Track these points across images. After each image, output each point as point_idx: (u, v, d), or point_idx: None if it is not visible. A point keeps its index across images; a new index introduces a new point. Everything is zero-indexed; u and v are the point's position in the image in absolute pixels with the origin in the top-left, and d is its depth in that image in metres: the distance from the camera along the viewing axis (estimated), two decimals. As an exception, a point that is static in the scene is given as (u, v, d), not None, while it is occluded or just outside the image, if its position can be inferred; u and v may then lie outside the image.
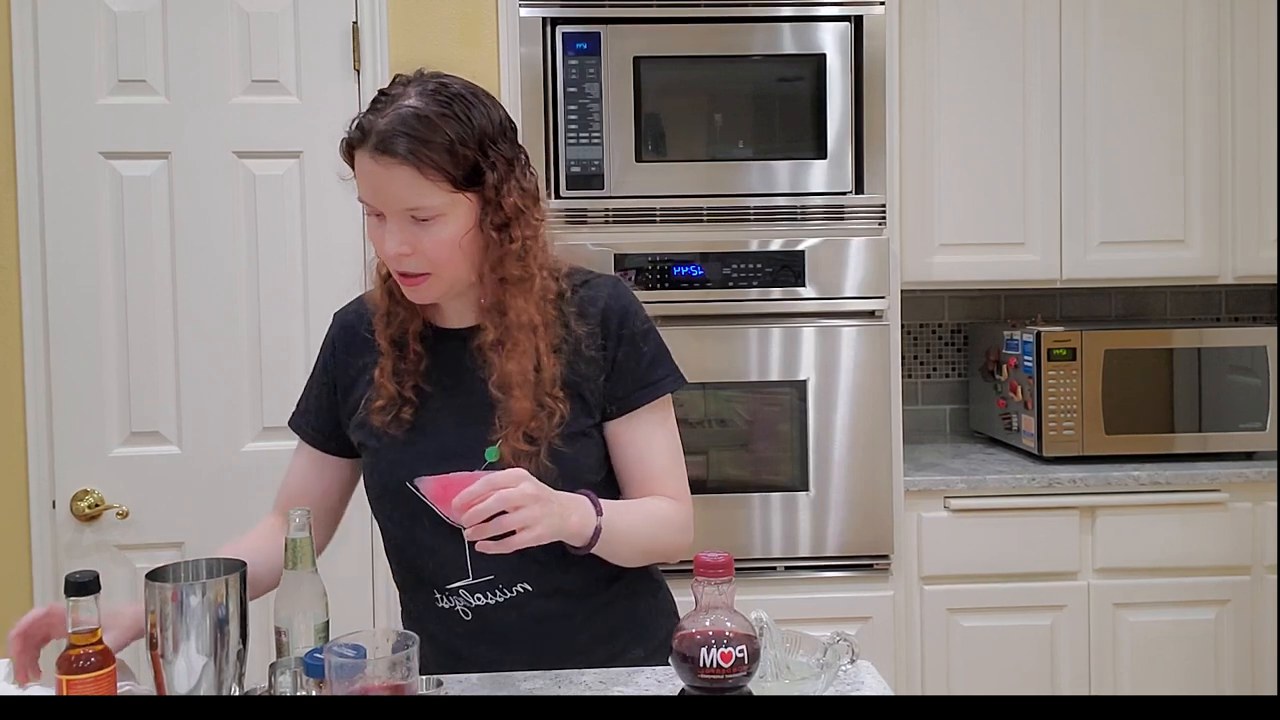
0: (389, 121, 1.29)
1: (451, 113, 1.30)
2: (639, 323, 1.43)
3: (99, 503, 2.40)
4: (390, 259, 1.34)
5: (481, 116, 1.33)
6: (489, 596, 1.39)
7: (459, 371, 1.41)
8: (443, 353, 1.43)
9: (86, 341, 2.41)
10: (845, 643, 1.26)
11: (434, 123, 1.29)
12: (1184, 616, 2.61)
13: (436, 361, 1.42)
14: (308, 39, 2.44)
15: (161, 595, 1.15)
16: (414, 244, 1.31)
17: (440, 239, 1.31)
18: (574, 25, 2.47)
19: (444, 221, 1.31)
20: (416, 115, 1.29)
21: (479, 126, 1.32)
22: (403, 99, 1.31)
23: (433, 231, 1.31)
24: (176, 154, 2.42)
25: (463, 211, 1.32)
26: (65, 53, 2.38)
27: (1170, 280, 2.91)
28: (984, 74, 2.78)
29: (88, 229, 2.40)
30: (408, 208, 1.30)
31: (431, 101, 1.30)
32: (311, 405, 1.53)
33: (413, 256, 1.32)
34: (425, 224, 1.31)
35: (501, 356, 1.35)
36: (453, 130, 1.29)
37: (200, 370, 2.43)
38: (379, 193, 1.31)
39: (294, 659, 1.17)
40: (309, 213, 2.46)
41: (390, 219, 1.32)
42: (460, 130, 1.30)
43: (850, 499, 2.50)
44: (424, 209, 1.30)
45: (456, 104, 1.31)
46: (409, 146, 1.28)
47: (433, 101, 1.30)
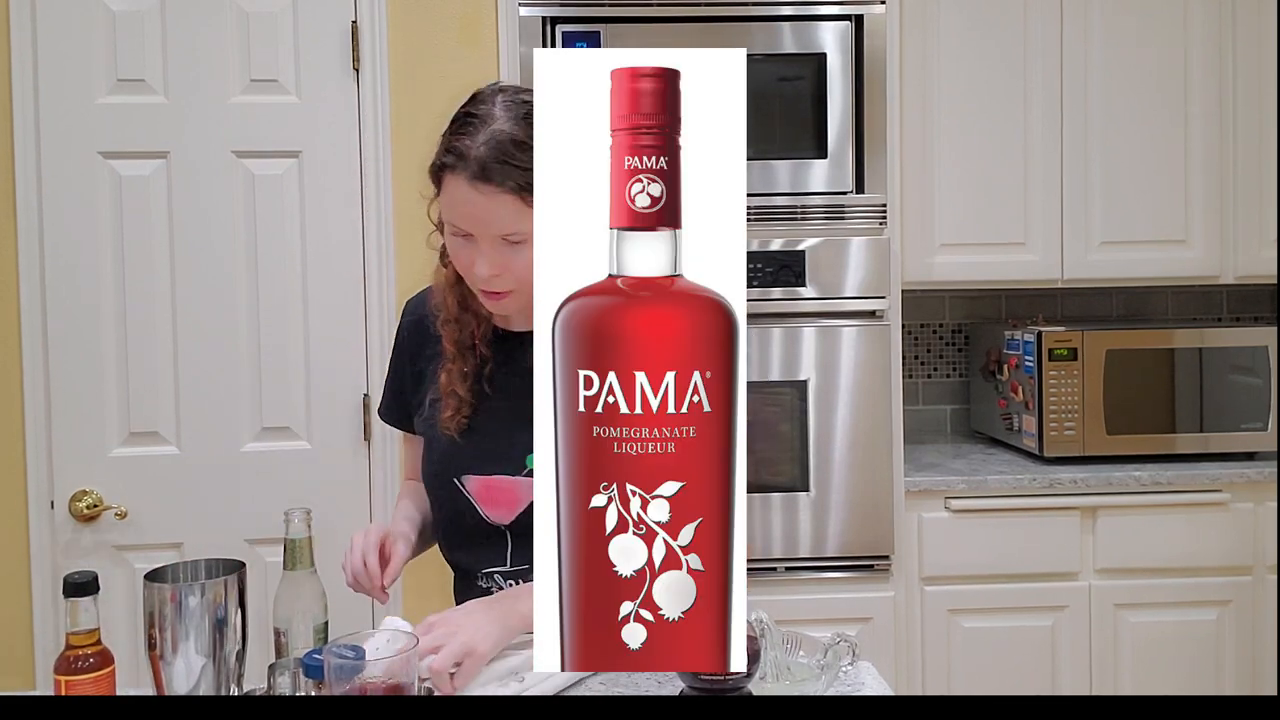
0: (487, 148, 1.29)
1: None
2: None
3: (98, 503, 2.39)
4: (481, 280, 1.35)
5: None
6: (523, 581, 1.44)
7: (518, 375, 1.43)
8: (505, 355, 1.46)
9: (85, 341, 2.40)
10: (846, 643, 1.25)
11: (532, 148, 1.27)
12: (1185, 617, 2.61)
13: (498, 364, 1.46)
14: (307, 38, 2.44)
15: (160, 596, 1.15)
16: (505, 266, 1.33)
17: (529, 260, 1.31)
18: (574, 25, 2.46)
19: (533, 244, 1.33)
20: (514, 141, 1.29)
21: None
22: (492, 121, 1.30)
23: (524, 254, 1.32)
24: (175, 154, 2.42)
25: None
26: (64, 52, 2.38)
27: (1171, 280, 2.90)
28: (985, 73, 2.78)
29: (86, 229, 2.40)
30: (504, 233, 1.31)
31: (524, 125, 1.30)
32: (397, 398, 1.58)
33: (502, 276, 1.34)
34: (516, 246, 1.32)
35: None
36: None
37: (199, 370, 2.43)
38: (475, 219, 1.31)
39: (293, 659, 1.17)
40: (308, 212, 2.45)
41: (482, 241, 1.32)
42: None
43: (851, 499, 2.50)
44: (519, 234, 1.31)
45: None
46: (510, 174, 1.28)
47: (525, 125, 1.30)
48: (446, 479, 1.47)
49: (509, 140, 1.29)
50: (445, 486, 1.47)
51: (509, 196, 1.29)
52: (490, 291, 1.37)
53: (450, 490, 1.46)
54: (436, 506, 1.53)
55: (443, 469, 1.46)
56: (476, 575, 1.49)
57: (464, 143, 1.30)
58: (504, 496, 1.42)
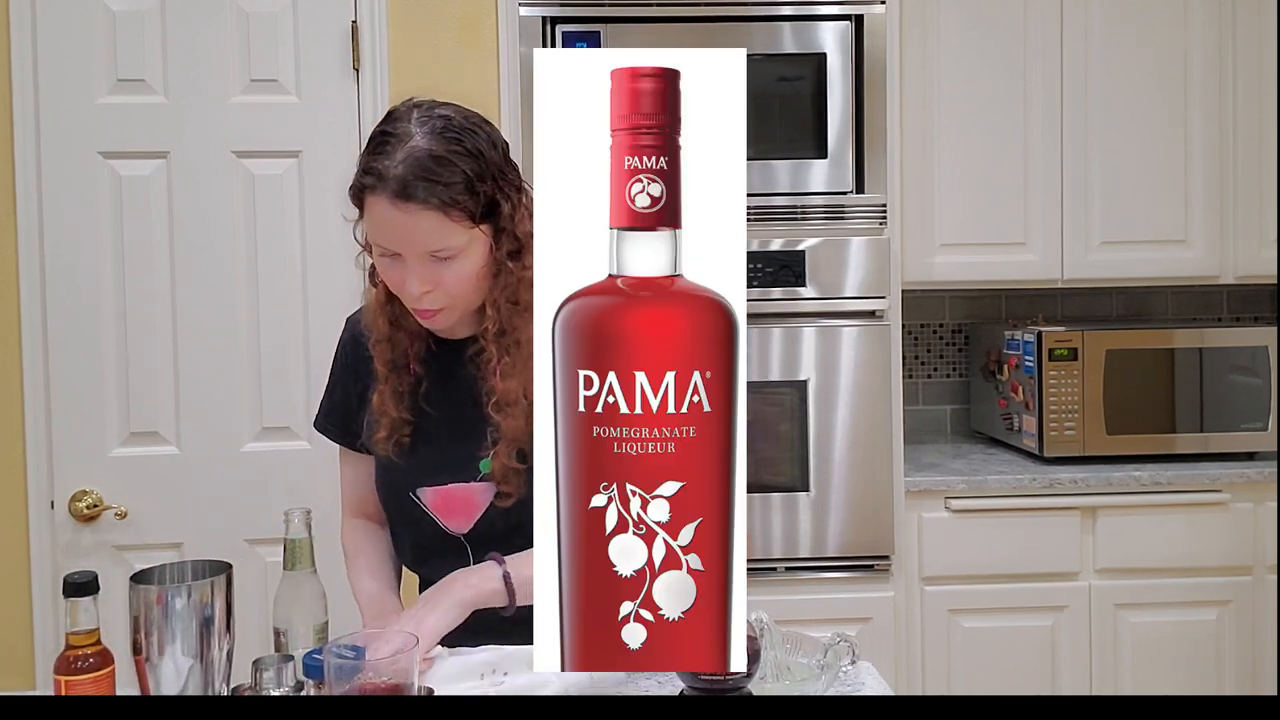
0: (406, 166, 1.27)
1: (464, 149, 1.29)
2: None
3: (98, 503, 2.39)
4: (411, 298, 1.34)
5: (489, 148, 1.33)
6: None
7: (455, 385, 1.43)
8: (442, 366, 1.45)
9: (85, 341, 2.40)
10: (846, 643, 1.25)
11: (452, 163, 1.28)
12: (1185, 617, 2.61)
13: (434, 376, 1.45)
14: (307, 39, 2.44)
15: (146, 598, 1.14)
16: (436, 282, 1.32)
17: (461, 274, 1.32)
18: (574, 24, 2.46)
19: (464, 257, 1.32)
20: (432, 156, 1.27)
21: (489, 160, 1.32)
22: (409, 139, 1.28)
23: (453, 269, 1.31)
24: (175, 154, 2.42)
25: (480, 245, 1.33)
26: (64, 52, 2.38)
27: (1171, 280, 2.90)
28: (985, 73, 2.78)
29: (86, 229, 2.39)
30: (432, 250, 1.30)
31: (441, 140, 1.28)
32: (337, 408, 1.55)
33: (434, 293, 1.33)
34: (446, 261, 1.31)
35: (500, 376, 1.36)
36: (469, 168, 1.29)
37: (199, 370, 2.43)
38: (400, 238, 1.29)
39: (278, 655, 1.17)
40: (308, 213, 2.45)
41: (410, 260, 1.31)
42: (475, 166, 1.30)
43: (851, 499, 2.50)
44: (446, 249, 1.30)
45: (466, 139, 1.30)
46: (433, 191, 1.26)
47: (442, 140, 1.29)
48: (402, 493, 1.45)
49: (427, 156, 1.27)
50: (401, 501, 1.46)
51: (432, 213, 1.27)
52: (423, 310, 1.35)
53: (407, 504, 1.45)
54: (395, 521, 1.52)
55: (394, 485, 1.45)
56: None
57: (382, 163, 1.28)
58: (461, 505, 1.40)
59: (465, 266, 1.32)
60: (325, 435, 1.57)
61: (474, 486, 1.38)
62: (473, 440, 1.39)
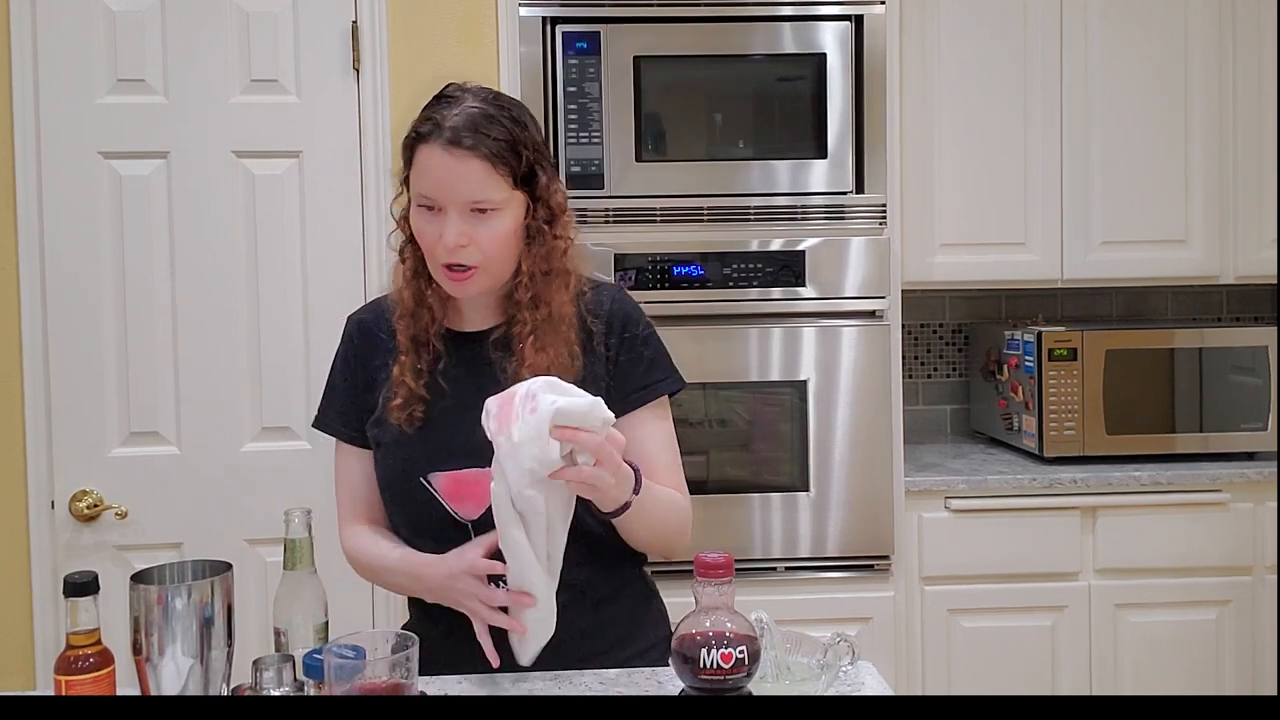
0: (460, 118, 1.37)
1: (510, 116, 1.41)
2: (640, 328, 1.51)
3: (98, 503, 2.39)
4: (447, 250, 1.39)
5: (532, 124, 1.44)
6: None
7: (475, 371, 1.46)
8: (460, 354, 1.48)
9: (85, 341, 2.40)
10: (846, 643, 1.26)
11: (502, 123, 1.39)
12: (1185, 617, 2.61)
13: (453, 361, 1.48)
14: (307, 38, 2.44)
15: (146, 598, 1.14)
16: (471, 236, 1.38)
17: (497, 232, 1.39)
18: (574, 25, 2.46)
19: (501, 215, 1.39)
20: (485, 115, 1.39)
21: (531, 132, 1.43)
22: (464, 101, 1.40)
23: (490, 224, 1.39)
24: (175, 154, 2.42)
25: (516, 208, 1.41)
26: (64, 52, 2.38)
27: (1171, 280, 2.90)
28: (984, 73, 2.78)
29: (86, 229, 2.39)
30: (473, 200, 1.38)
31: (492, 105, 1.40)
32: (338, 403, 1.56)
33: (469, 248, 1.39)
34: (484, 217, 1.38)
35: (534, 349, 1.41)
36: (515, 132, 1.40)
37: (199, 370, 2.43)
38: (447, 185, 1.37)
39: (278, 655, 1.17)
40: (308, 213, 2.45)
41: (451, 211, 1.38)
42: (520, 134, 1.41)
43: (851, 499, 2.50)
44: (487, 201, 1.38)
45: (513, 110, 1.43)
46: (482, 141, 1.37)
47: (493, 105, 1.41)
48: (411, 478, 1.43)
49: (479, 114, 1.38)
50: (408, 486, 1.44)
51: (480, 162, 1.36)
52: (456, 267, 1.40)
53: (415, 488, 1.42)
54: (396, 508, 1.50)
55: (406, 468, 1.44)
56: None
57: (439, 113, 1.39)
58: (473, 491, 1.38)
59: (501, 224, 1.39)
60: (325, 431, 1.57)
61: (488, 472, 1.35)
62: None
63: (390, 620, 2.45)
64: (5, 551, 2.38)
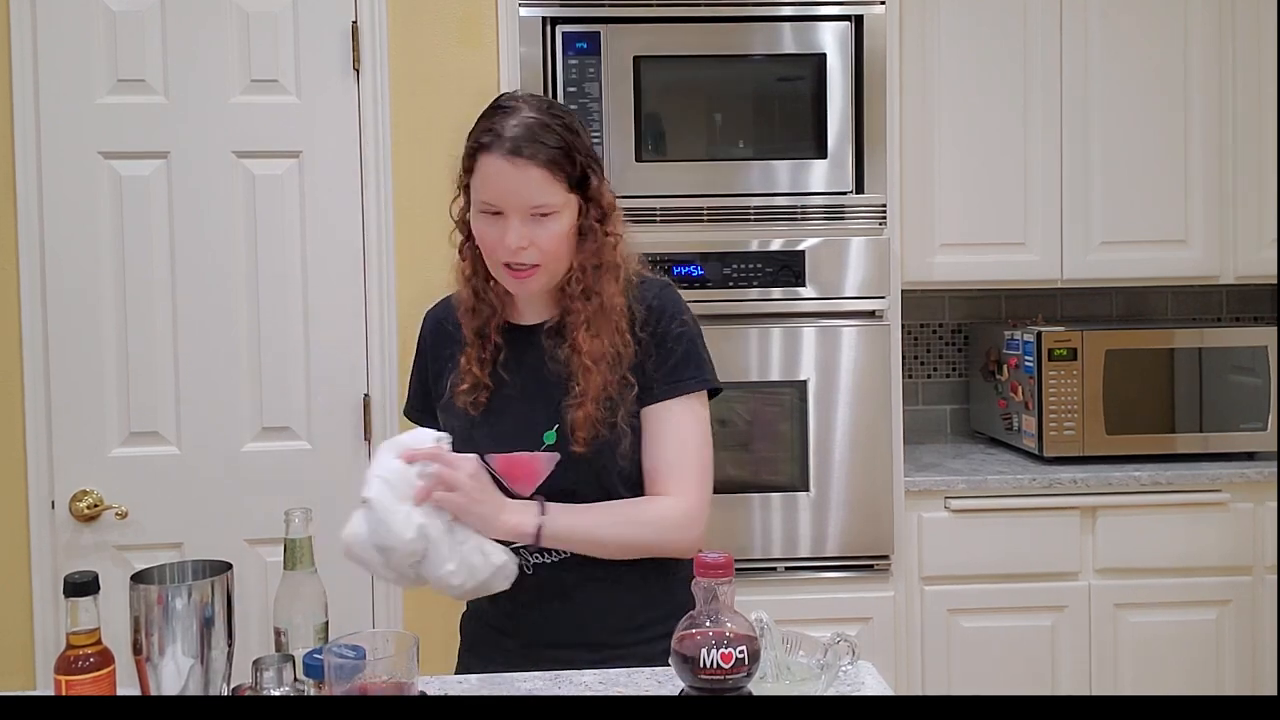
0: (520, 128, 1.46)
1: (564, 125, 1.50)
2: (677, 324, 1.57)
3: (98, 503, 2.39)
4: (509, 252, 1.48)
5: (582, 130, 1.54)
6: (546, 556, 1.52)
7: (530, 362, 1.56)
8: (517, 345, 1.58)
9: (85, 341, 2.40)
10: (845, 643, 1.25)
11: (558, 133, 1.48)
12: (1185, 617, 2.61)
13: (511, 353, 1.58)
14: (307, 39, 2.44)
15: (146, 598, 1.14)
16: (531, 238, 1.47)
17: (555, 232, 1.48)
18: (574, 25, 2.46)
19: (558, 218, 1.48)
20: (542, 125, 1.47)
21: (582, 138, 1.53)
22: (521, 111, 1.48)
23: (548, 226, 1.48)
24: (175, 154, 2.41)
25: (571, 209, 1.50)
26: (64, 52, 2.38)
27: (1171, 280, 2.90)
28: (984, 73, 2.78)
29: (86, 229, 2.39)
30: (534, 205, 1.46)
31: (547, 114, 1.49)
32: (417, 395, 1.70)
33: (529, 249, 1.47)
34: (543, 220, 1.47)
35: (588, 336, 1.51)
36: (569, 139, 1.49)
37: (199, 370, 2.43)
38: (509, 192, 1.46)
39: (278, 655, 1.17)
40: (308, 213, 2.45)
41: (512, 216, 1.47)
42: (574, 140, 1.50)
43: (850, 499, 2.50)
44: (546, 206, 1.47)
45: (566, 118, 1.52)
46: (540, 151, 1.46)
47: (548, 114, 1.50)
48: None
49: (537, 123, 1.47)
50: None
51: (539, 170, 1.45)
52: (518, 266, 1.49)
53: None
54: None
55: (470, 449, 1.53)
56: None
57: (499, 124, 1.47)
58: (525, 472, 1.51)
59: (558, 226, 1.48)
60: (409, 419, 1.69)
61: (539, 456, 1.50)
62: (539, 413, 1.52)
63: (390, 620, 2.45)
64: (5, 551, 2.38)
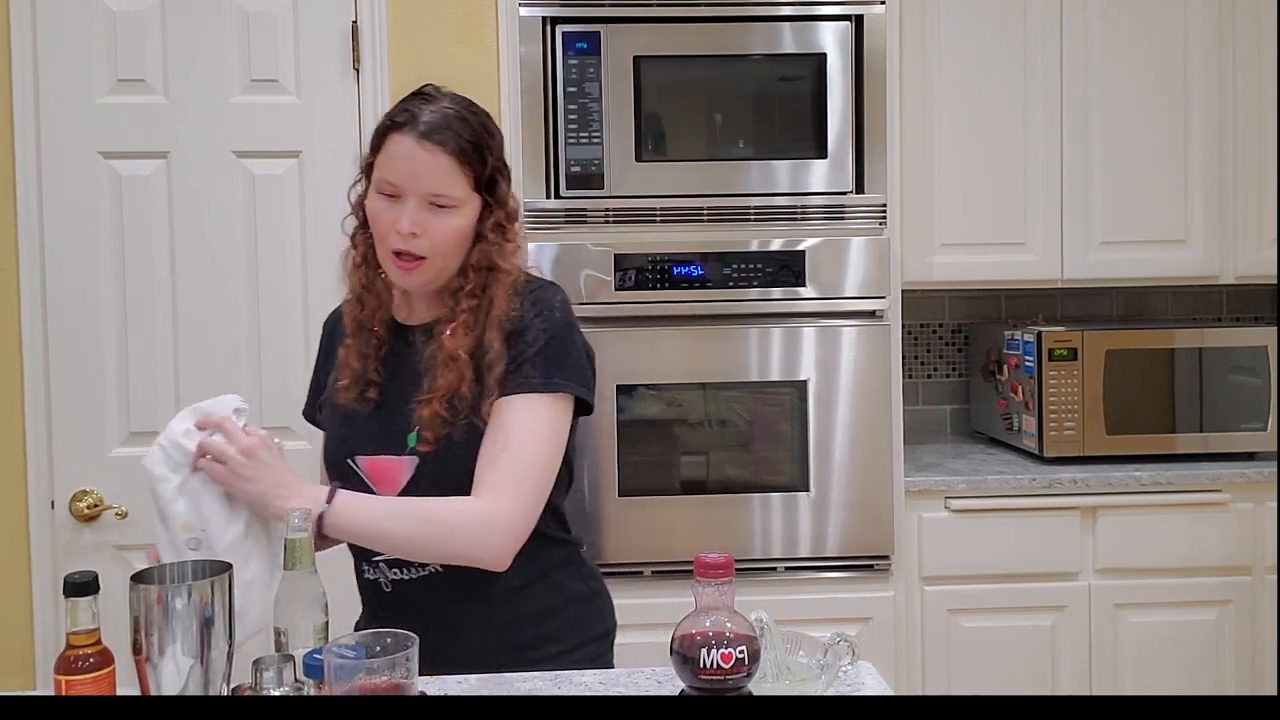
0: (436, 115, 1.45)
1: (480, 124, 1.49)
2: (539, 321, 1.49)
3: (98, 503, 2.39)
4: (400, 236, 1.44)
5: (499, 137, 1.52)
6: (405, 572, 1.49)
7: (410, 362, 1.51)
8: (399, 344, 1.55)
9: (85, 341, 2.40)
10: (846, 643, 1.25)
11: (474, 129, 1.47)
12: (1185, 617, 2.61)
13: (392, 350, 1.54)
14: (307, 39, 2.44)
15: (146, 598, 1.14)
16: (425, 227, 1.44)
17: (450, 227, 1.45)
18: (574, 25, 2.46)
19: (457, 213, 1.46)
20: (460, 118, 1.46)
21: (498, 142, 1.52)
22: (441, 101, 1.47)
23: (445, 219, 1.45)
24: (175, 154, 2.42)
25: (471, 209, 1.48)
26: (64, 52, 2.38)
27: (1171, 280, 2.90)
28: (985, 74, 2.78)
29: (86, 228, 2.39)
30: (434, 193, 1.44)
31: (467, 111, 1.48)
32: (313, 395, 1.69)
33: (421, 238, 1.44)
34: (440, 211, 1.45)
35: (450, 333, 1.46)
36: (483, 138, 1.48)
37: (200, 370, 2.43)
38: (412, 174, 1.43)
39: (278, 655, 1.17)
40: (308, 212, 2.45)
41: (410, 200, 1.44)
42: (488, 141, 1.49)
43: (851, 499, 2.50)
44: (447, 197, 1.44)
45: (487, 120, 1.51)
46: (452, 140, 1.44)
47: (468, 111, 1.48)
48: (341, 459, 1.53)
49: (454, 115, 1.46)
50: (340, 467, 1.53)
51: (448, 158, 1.43)
52: (405, 253, 1.45)
53: (343, 470, 1.52)
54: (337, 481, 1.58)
55: (338, 450, 1.53)
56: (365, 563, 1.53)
57: (416, 106, 1.46)
58: (387, 475, 1.47)
59: (455, 222, 1.46)
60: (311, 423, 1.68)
61: (402, 460, 1.46)
62: (404, 414, 1.47)
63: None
64: (5, 551, 2.38)
